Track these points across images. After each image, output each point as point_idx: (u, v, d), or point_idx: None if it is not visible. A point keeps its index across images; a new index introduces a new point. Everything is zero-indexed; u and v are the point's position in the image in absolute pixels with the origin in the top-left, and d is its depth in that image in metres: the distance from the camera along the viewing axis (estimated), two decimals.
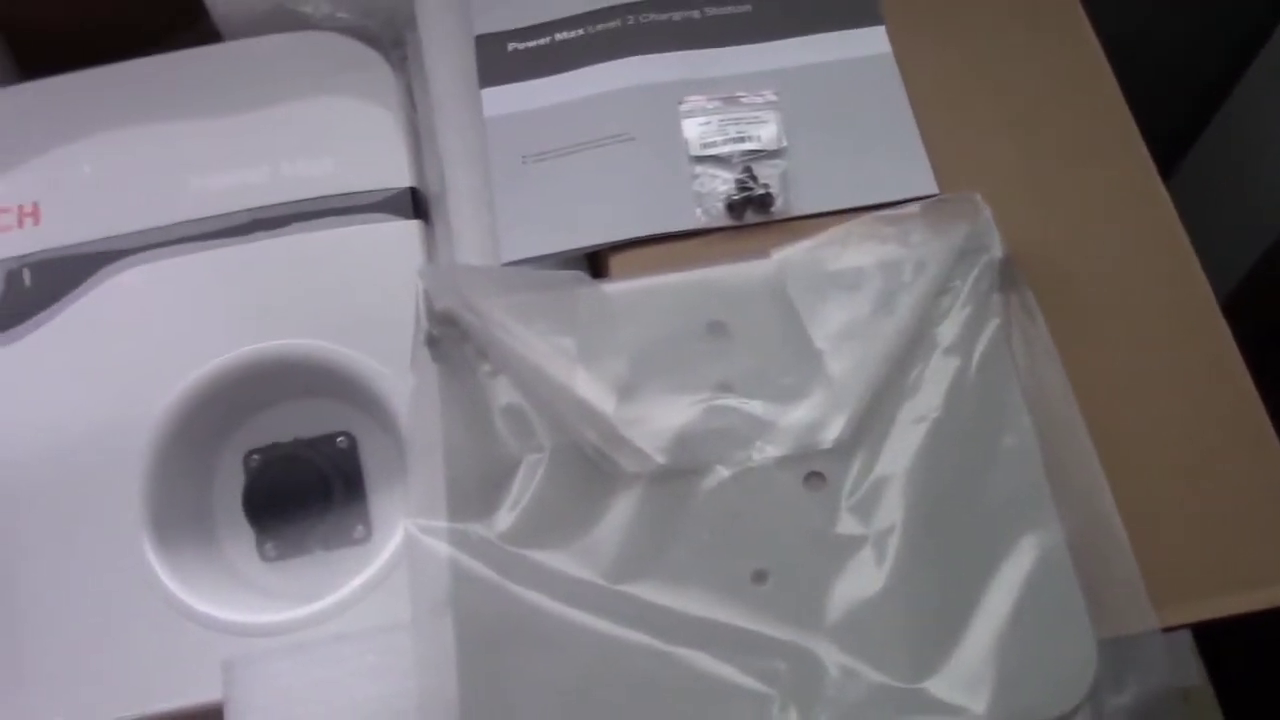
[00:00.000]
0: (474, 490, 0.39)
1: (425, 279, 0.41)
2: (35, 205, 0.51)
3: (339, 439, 0.49)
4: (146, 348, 0.49)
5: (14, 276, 0.50)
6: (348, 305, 0.49)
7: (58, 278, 0.50)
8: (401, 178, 0.51)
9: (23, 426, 0.48)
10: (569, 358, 0.39)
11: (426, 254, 0.50)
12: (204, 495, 0.49)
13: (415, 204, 0.51)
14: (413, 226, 0.51)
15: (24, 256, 0.50)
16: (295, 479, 0.49)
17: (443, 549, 0.38)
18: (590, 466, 0.39)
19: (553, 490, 0.39)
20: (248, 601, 0.46)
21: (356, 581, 0.45)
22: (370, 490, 0.49)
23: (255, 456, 0.49)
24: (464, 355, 0.41)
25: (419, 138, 0.53)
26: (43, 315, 0.50)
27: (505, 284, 0.41)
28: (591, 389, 0.39)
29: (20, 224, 0.51)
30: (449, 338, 0.41)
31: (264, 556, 0.48)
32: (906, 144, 0.44)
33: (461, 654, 0.37)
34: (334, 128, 0.52)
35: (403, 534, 0.44)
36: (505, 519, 0.38)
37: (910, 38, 0.46)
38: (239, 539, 0.49)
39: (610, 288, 0.41)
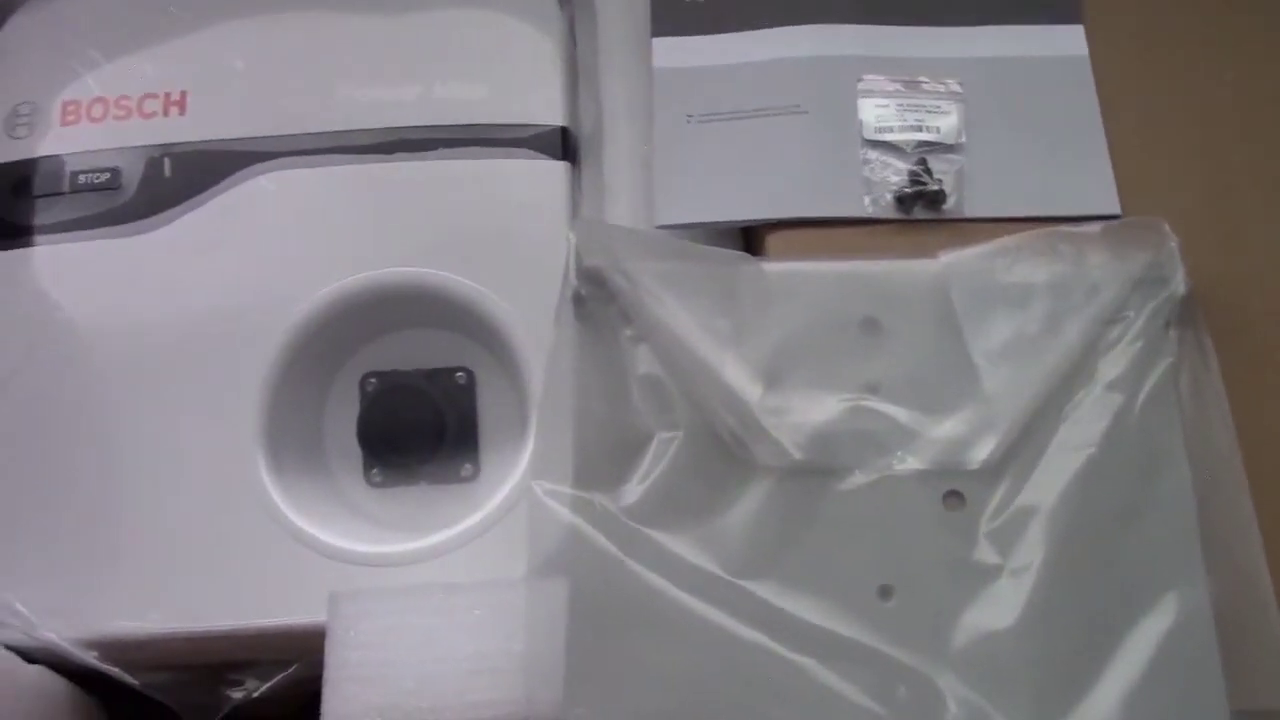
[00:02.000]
0: (602, 459, 0.38)
1: (578, 233, 0.40)
2: (183, 94, 0.51)
3: (458, 374, 0.48)
4: (277, 256, 0.48)
5: (154, 164, 0.50)
6: (483, 240, 0.48)
7: (197, 172, 0.49)
8: (554, 115, 0.50)
9: (148, 317, 0.47)
10: (718, 336, 0.38)
11: (570, 198, 0.49)
12: (315, 413, 0.48)
13: (565, 144, 0.50)
14: (560, 168, 0.49)
15: (167, 145, 0.50)
16: (411, 408, 0.48)
17: (565, 515, 0.37)
18: (723, 452, 0.38)
19: (683, 471, 0.37)
20: (351, 527, 0.45)
21: (463, 525, 0.44)
22: (482, 430, 0.48)
23: (372, 380, 0.48)
24: (607, 316, 0.40)
25: (576, 77, 0.51)
26: (178, 209, 0.49)
27: (660, 250, 0.40)
28: (737, 372, 0.38)
29: (166, 112, 0.50)
30: (594, 297, 0.40)
31: (369, 481, 0.48)
32: (1092, 156, 0.42)
33: (572, 624, 0.36)
34: (492, 54, 0.51)
35: (522, 490, 0.44)
36: (631, 493, 0.37)
37: (1110, 42, 0.44)
38: (346, 461, 0.48)
39: (767, 268, 0.39)
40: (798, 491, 0.37)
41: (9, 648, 0.42)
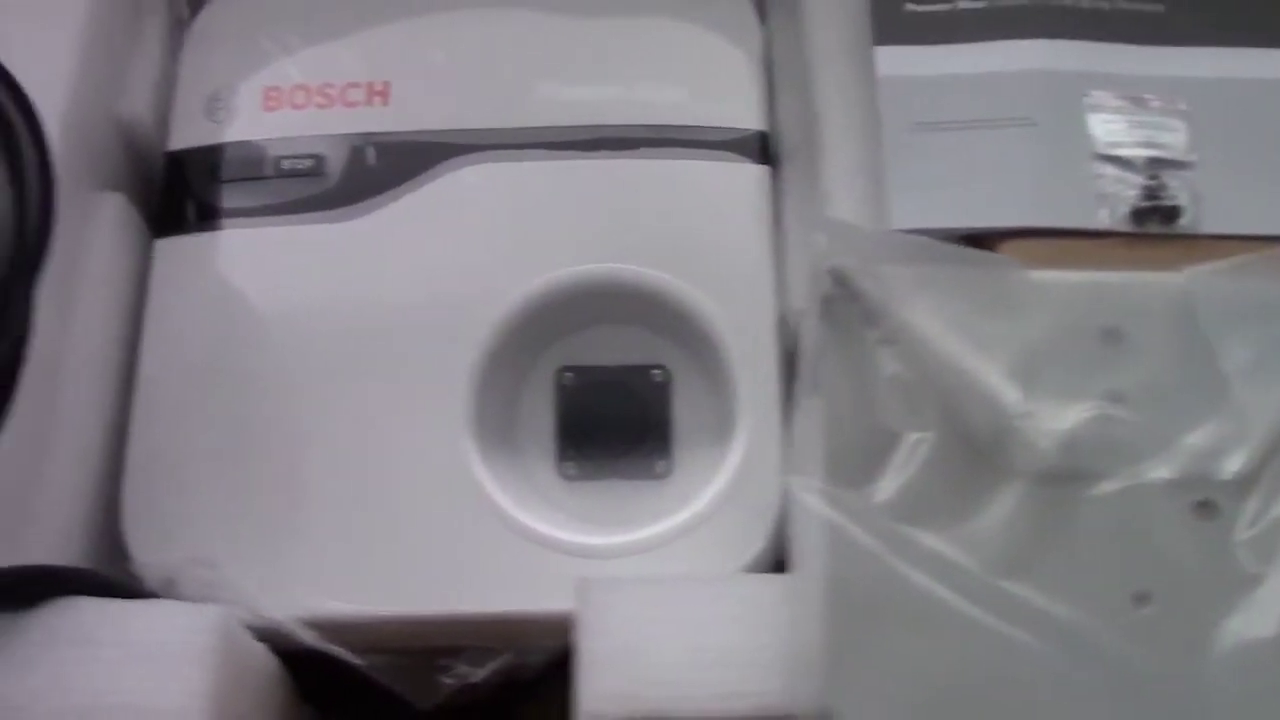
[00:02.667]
0: (852, 458, 0.38)
1: (824, 233, 0.40)
2: (386, 84, 0.51)
3: (654, 371, 0.49)
4: (482, 246, 0.49)
5: (358, 153, 0.50)
6: (682, 239, 0.49)
7: (401, 161, 0.50)
8: (753, 120, 0.51)
9: (353, 302, 0.48)
10: (971, 339, 0.38)
11: (770, 202, 0.49)
12: (511, 405, 0.48)
13: (763, 149, 0.50)
14: (760, 171, 0.50)
15: (370, 135, 0.50)
16: (608, 404, 0.48)
17: (824, 511, 0.37)
18: (974, 454, 0.38)
19: (934, 472, 0.38)
20: (555, 518, 0.46)
21: (674, 520, 0.45)
22: (677, 428, 0.48)
23: (569, 375, 0.49)
24: (851, 317, 0.40)
25: (772, 82, 0.52)
26: (383, 197, 0.49)
27: (910, 250, 0.40)
28: (992, 376, 0.38)
29: (369, 101, 0.51)
30: (839, 297, 0.40)
31: (562, 474, 0.48)
32: None
33: (832, 618, 0.36)
34: (691, 58, 0.52)
35: (731, 489, 0.45)
36: (884, 492, 0.38)
37: None
38: (540, 453, 0.48)
39: (1025, 271, 0.40)
40: (1049, 496, 0.38)
41: None
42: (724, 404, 0.47)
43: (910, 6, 0.47)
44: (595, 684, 0.38)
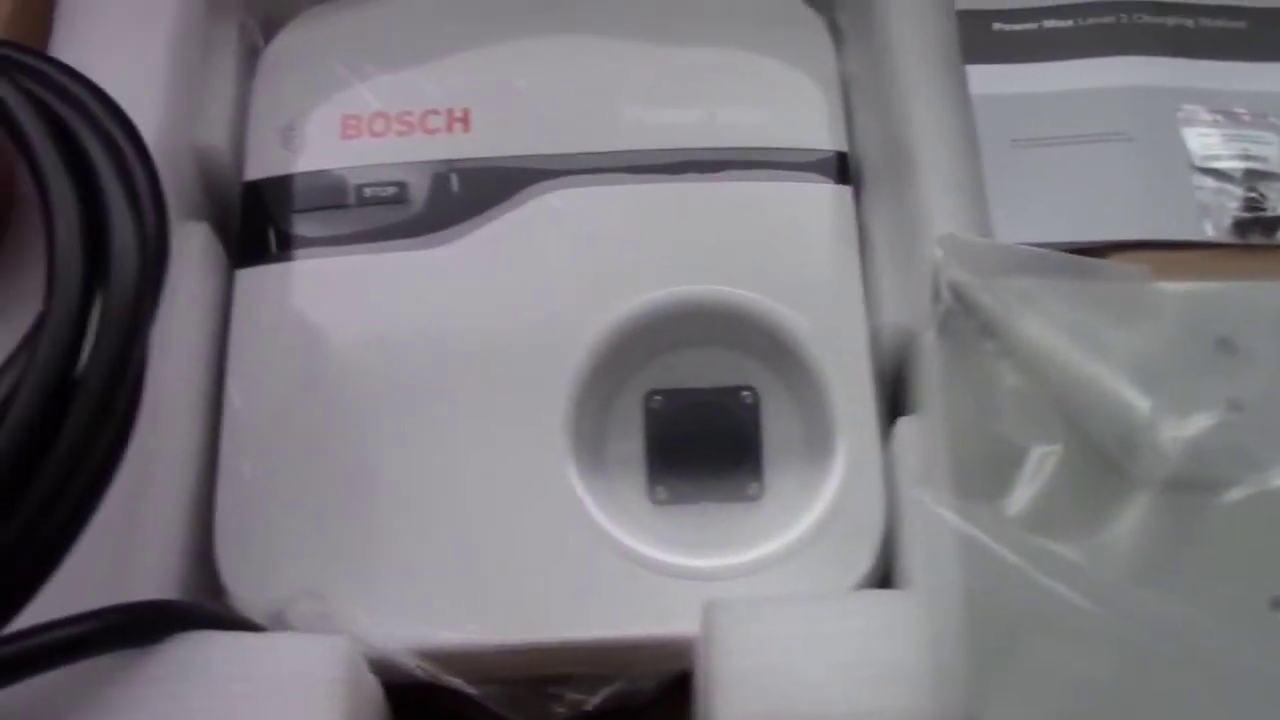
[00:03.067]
0: (978, 471, 0.39)
1: (945, 248, 0.40)
2: (466, 111, 0.51)
3: (743, 393, 0.49)
4: (568, 272, 0.48)
5: (442, 179, 0.50)
6: (769, 260, 0.49)
7: (486, 187, 0.50)
8: (833, 141, 0.51)
9: (443, 328, 0.48)
10: (1088, 348, 0.39)
11: (853, 221, 0.50)
12: (600, 430, 0.48)
13: (843, 169, 0.51)
14: (842, 191, 0.50)
15: (453, 161, 0.50)
16: (698, 427, 0.48)
17: (958, 524, 0.37)
18: (1101, 464, 0.38)
19: (1063, 483, 0.38)
20: (660, 542, 0.46)
21: (782, 540, 0.45)
22: (767, 449, 0.48)
23: (658, 398, 0.49)
24: (968, 330, 0.40)
25: (850, 103, 0.52)
26: (469, 223, 0.49)
27: (1026, 263, 0.40)
28: (1114, 384, 0.38)
29: (450, 128, 0.51)
30: (956, 311, 0.40)
31: (653, 498, 0.48)
32: None
33: (974, 630, 0.36)
34: (770, 82, 0.52)
35: (834, 509, 0.45)
36: (1015, 504, 0.38)
37: None
38: (629, 477, 0.48)
39: (1143, 281, 0.40)
40: (1178, 504, 0.38)
41: None
42: (818, 423, 0.47)
43: (998, 26, 0.47)
44: (733, 703, 0.37)
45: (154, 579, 0.43)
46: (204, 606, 0.41)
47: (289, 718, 0.37)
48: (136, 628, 0.38)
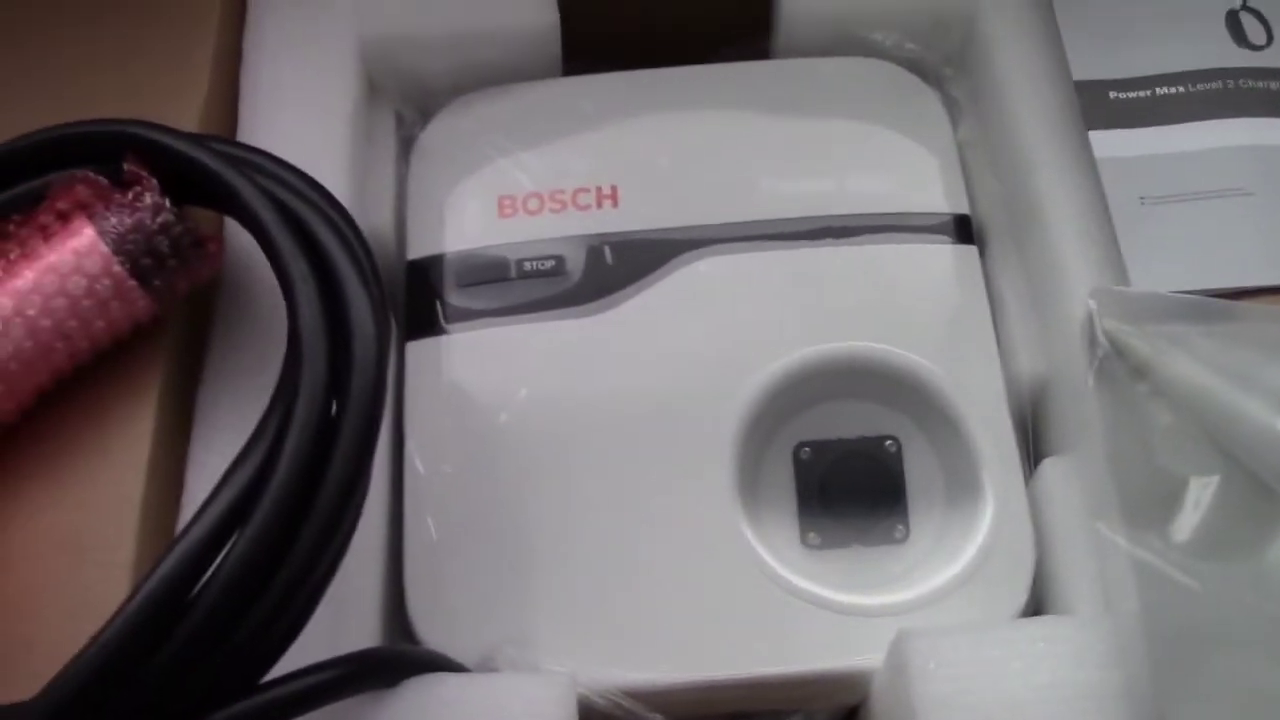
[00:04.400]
0: (1143, 502, 0.42)
1: (1096, 299, 0.44)
2: (614, 188, 0.55)
3: (887, 442, 0.52)
4: (719, 334, 0.52)
5: (595, 252, 0.53)
6: (903, 316, 0.52)
7: (637, 258, 0.53)
8: (956, 204, 0.55)
9: (603, 393, 0.51)
10: (1235, 385, 0.42)
11: (980, 278, 0.53)
12: (754, 480, 0.51)
13: (966, 229, 0.54)
14: (967, 250, 0.54)
15: (604, 235, 0.54)
16: (846, 475, 0.51)
17: (1130, 549, 0.41)
18: (1257, 493, 0.42)
19: (1223, 511, 0.41)
20: (817, 581, 0.48)
21: (943, 576, 0.48)
22: (911, 494, 0.51)
23: (806, 449, 0.52)
24: (1122, 374, 0.44)
25: (966, 169, 0.56)
26: (624, 292, 0.53)
27: (1174, 309, 0.44)
28: (1265, 418, 0.42)
29: (599, 204, 0.55)
30: (1109, 355, 0.44)
31: (806, 544, 0.51)
32: None
33: (1154, 650, 0.39)
34: (894, 151, 0.56)
35: (985, 548, 0.48)
36: (1180, 531, 0.41)
37: None
38: (781, 525, 0.51)
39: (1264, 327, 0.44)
40: None
41: None
42: (960, 467, 0.50)
43: (1114, 94, 0.51)
44: None
45: (358, 638, 0.45)
46: (431, 652, 0.43)
47: None
48: (378, 671, 0.41)
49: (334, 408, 0.40)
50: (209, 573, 0.36)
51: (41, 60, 0.52)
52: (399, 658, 0.42)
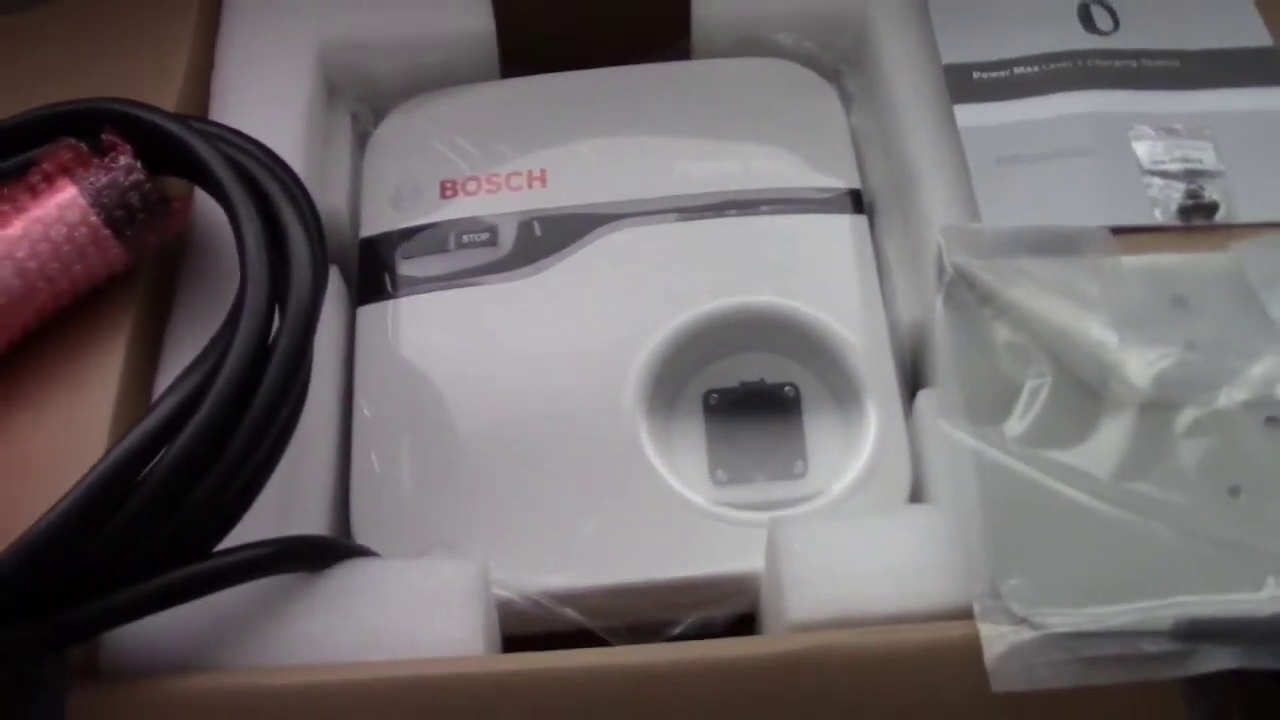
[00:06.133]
0: (985, 404, 0.48)
1: (945, 236, 0.51)
2: (543, 171, 0.62)
3: (786, 388, 0.58)
4: (634, 295, 0.58)
5: (525, 226, 0.60)
6: (801, 279, 0.58)
7: (562, 230, 0.60)
8: (850, 181, 0.61)
9: (534, 346, 0.57)
10: (1068, 306, 0.48)
11: (870, 243, 0.60)
12: (665, 422, 0.57)
13: (858, 202, 0.61)
14: (858, 219, 0.60)
15: (533, 211, 0.61)
16: (749, 418, 0.57)
17: (971, 442, 0.46)
18: (1084, 392, 0.48)
19: (1054, 407, 0.47)
20: (721, 504, 0.54)
21: (829, 497, 0.53)
22: (807, 432, 0.57)
23: (714, 396, 0.58)
24: (969, 300, 0.50)
25: (859, 150, 0.63)
26: (549, 259, 0.59)
27: (1013, 238, 0.50)
28: (1091, 330, 0.48)
29: (530, 185, 0.62)
30: (958, 284, 0.50)
31: (715, 480, 0.56)
32: None
33: (989, 523, 0.45)
34: (794, 136, 0.63)
35: (865, 474, 0.53)
36: (1016, 426, 0.47)
37: None
38: (692, 461, 0.57)
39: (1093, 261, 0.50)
40: (1150, 419, 0.47)
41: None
42: (850, 406, 0.56)
43: (978, 75, 0.58)
44: (804, 600, 0.45)
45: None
46: (361, 546, 0.49)
47: (442, 620, 0.45)
48: (312, 553, 0.47)
49: (275, 328, 0.46)
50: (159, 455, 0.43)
51: (32, 72, 0.60)
52: (332, 545, 0.48)
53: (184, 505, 0.43)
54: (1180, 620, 0.42)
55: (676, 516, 0.53)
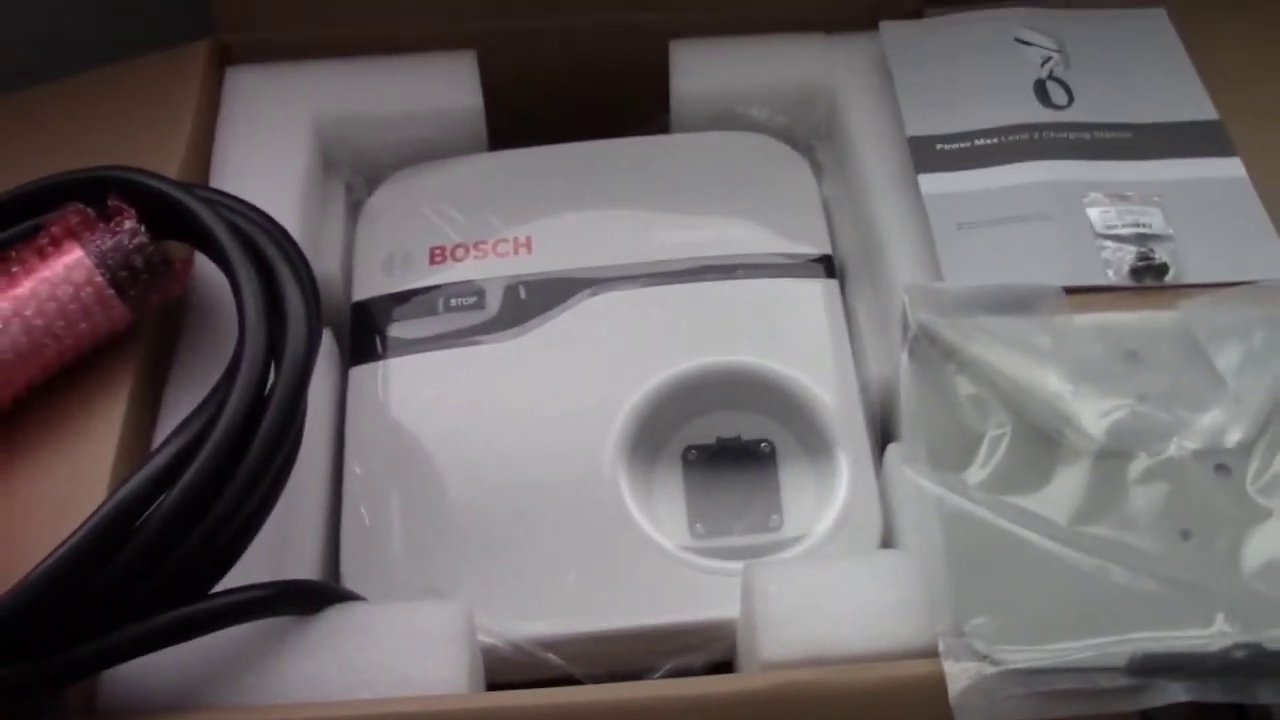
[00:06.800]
0: (948, 453, 0.50)
1: (910, 294, 0.53)
2: (529, 238, 0.65)
3: (761, 444, 0.60)
4: (615, 355, 0.61)
5: (511, 290, 0.63)
6: (775, 340, 0.61)
7: (546, 294, 0.63)
8: (820, 247, 0.64)
9: (518, 402, 0.60)
10: (1031, 357, 0.51)
11: (841, 305, 0.62)
12: (646, 478, 0.59)
13: (829, 267, 0.64)
14: (830, 284, 0.63)
15: (519, 276, 0.63)
16: (727, 473, 0.60)
17: (934, 488, 0.49)
18: (1042, 441, 0.50)
19: (1014, 455, 0.50)
20: (698, 555, 0.56)
21: (803, 547, 0.55)
22: (784, 489, 0.59)
23: (693, 452, 0.60)
24: (933, 355, 0.53)
25: (831, 218, 0.66)
26: (534, 322, 0.62)
27: (974, 297, 0.53)
28: (1051, 382, 0.50)
29: (516, 252, 0.64)
30: (922, 340, 0.53)
31: (693, 533, 0.58)
32: (1265, 236, 0.57)
33: (953, 566, 0.47)
34: (767, 205, 0.66)
35: (836, 525, 0.56)
36: (978, 474, 0.49)
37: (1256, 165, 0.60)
38: (672, 517, 0.59)
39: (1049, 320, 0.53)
40: (1105, 467, 0.49)
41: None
42: (823, 459, 0.58)
43: (940, 146, 0.61)
44: (776, 639, 0.47)
45: None
46: (353, 593, 0.51)
47: (428, 661, 0.47)
48: (304, 597, 0.48)
49: (270, 382, 0.48)
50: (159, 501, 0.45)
51: (41, 144, 0.63)
52: (324, 589, 0.50)
53: (182, 548, 0.45)
54: (1134, 656, 0.44)
55: (656, 566, 0.55)
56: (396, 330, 0.62)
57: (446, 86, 0.68)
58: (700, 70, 0.69)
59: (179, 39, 0.67)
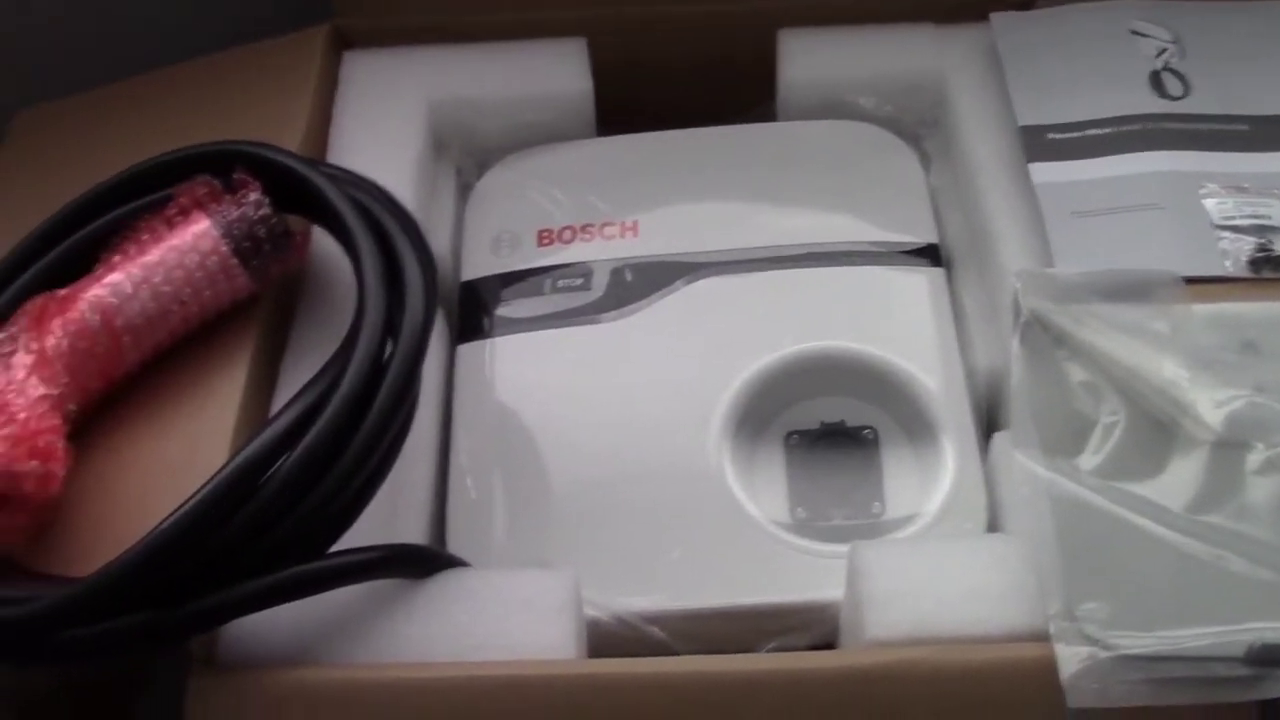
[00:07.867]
0: (1059, 439, 0.50)
1: (1022, 280, 0.53)
2: (635, 223, 0.65)
3: (865, 431, 0.60)
4: (719, 338, 0.61)
5: (618, 272, 0.64)
6: (882, 327, 0.61)
7: (652, 278, 0.63)
8: (927, 236, 0.64)
9: (622, 383, 0.60)
10: (1148, 343, 0.51)
11: (946, 293, 0.62)
12: (749, 461, 0.59)
13: (936, 256, 0.63)
14: (937, 272, 0.63)
15: (625, 259, 0.64)
16: (829, 459, 0.60)
17: (1044, 473, 0.48)
18: (1156, 429, 0.49)
19: (1127, 443, 0.49)
20: (802, 537, 0.56)
21: (915, 524, 0.55)
22: (886, 475, 0.59)
23: (795, 437, 0.60)
24: (1045, 342, 0.52)
25: (937, 207, 0.66)
26: (640, 304, 0.62)
27: (1087, 282, 0.53)
28: (1164, 371, 0.50)
29: (622, 235, 0.65)
30: (1034, 326, 0.52)
31: (794, 518, 0.58)
32: None
33: (1064, 550, 0.47)
34: (877, 193, 0.66)
35: (941, 511, 0.55)
36: (1090, 460, 0.49)
37: None
38: (774, 499, 0.59)
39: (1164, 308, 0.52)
40: (1220, 458, 0.48)
41: None
42: (928, 449, 0.58)
43: (1052, 135, 0.61)
44: (880, 615, 0.47)
45: None
46: (462, 559, 0.52)
47: (536, 628, 0.48)
48: (414, 560, 0.50)
49: (389, 350, 0.49)
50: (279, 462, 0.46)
51: (169, 122, 0.65)
52: (434, 555, 0.51)
53: (301, 508, 0.46)
54: (1253, 646, 0.44)
55: (759, 547, 0.55)
56: (504, 310, 0.63)
57: (556, 72, 0.69)
58: (808, 59, 0.69)
59: (301, 24, 0.69)
